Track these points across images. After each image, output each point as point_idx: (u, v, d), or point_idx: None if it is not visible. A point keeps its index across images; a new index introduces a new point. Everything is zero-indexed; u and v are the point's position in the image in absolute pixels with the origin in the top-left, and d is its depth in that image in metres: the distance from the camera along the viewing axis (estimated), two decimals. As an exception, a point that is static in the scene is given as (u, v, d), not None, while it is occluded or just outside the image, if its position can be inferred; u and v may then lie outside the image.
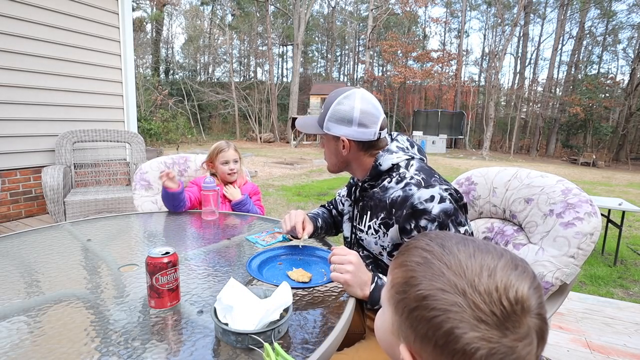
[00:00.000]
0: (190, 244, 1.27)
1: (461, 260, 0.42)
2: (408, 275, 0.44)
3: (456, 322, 0.38)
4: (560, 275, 0.98)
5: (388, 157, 1.03)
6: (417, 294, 0.42)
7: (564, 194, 1.06)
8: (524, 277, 0.40)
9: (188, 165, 2.09)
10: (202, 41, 28.01)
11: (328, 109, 1.04)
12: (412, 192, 0.94)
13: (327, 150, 1.11)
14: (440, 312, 0.39)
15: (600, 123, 24.51)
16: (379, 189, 1.05)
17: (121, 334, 0.73)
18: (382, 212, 1.01)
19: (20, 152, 3.43)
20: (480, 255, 0.42)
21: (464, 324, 0.38)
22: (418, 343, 0.42)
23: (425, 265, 0.43)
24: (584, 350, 1.87)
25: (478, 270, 0.40)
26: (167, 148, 13.26)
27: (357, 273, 0.87)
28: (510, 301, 0.38)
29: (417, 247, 0.47)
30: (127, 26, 4.08)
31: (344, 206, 1.27)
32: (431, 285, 0.41)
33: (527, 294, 0.39)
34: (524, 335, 0.38)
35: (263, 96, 24.69)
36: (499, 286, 0.39)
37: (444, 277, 0.41)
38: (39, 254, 1.13)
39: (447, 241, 0.45)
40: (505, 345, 0.37)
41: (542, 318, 0.40)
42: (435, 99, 29.85)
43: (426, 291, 0.41)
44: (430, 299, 0.40)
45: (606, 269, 3.41)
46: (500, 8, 23.86)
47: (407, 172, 1.00)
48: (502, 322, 0.37)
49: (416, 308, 0.42)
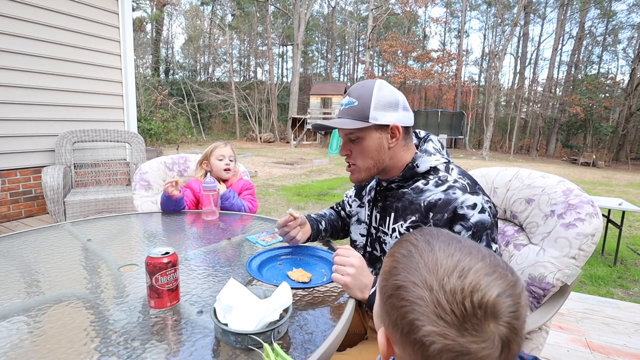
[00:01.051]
0: (190, 244, 1.27)
1: (438, 258, 0.44)
2: (392, 265, 0.48)
3: (418, 315, 0.41)
4: (561, 276, 0.98)
5: (427, 159, 0.98)
6: (394, 283, 0.45)
7: (565, 195, 1.05)
8: (498, 283, 0.40)
9: (188, 165, 2.08)
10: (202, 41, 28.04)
11: (369, 98, 0.93)
12: (455, 195, 0.90)
13: (365, 150, 0.97)
14: (408, 303, 0.42)
15: (600, 123, 24.53)
16: (410, 190, 0.99)
17: (121, 334, 0.73)
18: (414, 214, 0.96)
19: (20, 152, 3.43)
20: (458, 255, 0.44)
21: (424, 317, 0.40)
22: (390, 328, 0.46)
23: (408, 258, 0.46)
24: (584, 350, 1.87)
25: (451, 270, 0.42)
26: (167, 148, 13.27)
27: (357, 276, 0.86)
28: (473, 304, 0.39)
29: (408, 240, 0.50)
30: (127, 26, 4.08)
31: (352, 207, 1.22)
32: (406, 278, 0.44)
33: (494, 300, 0.39)
34: (483, 339, 0.38)
35: (263, 96, 24.70)
36: (465, 288, 0.40)
37: (418, 272, 0.44)
38: (39, 254, 1.13)
39: (434, 238, 0.48)
40: (461, 345, 0.39)
41: (512, 327, 0.40)
42: (435, 99, 29.88)
43: (401, 282, 0.44)
44: (403, 290, 0.44)
45: (606, 269, 3.41)
46: (500, 8, 23.86)
47: (449, 176, 0.95)
48: (461, 323, 0.39)
49: (391, 296, 0.45)
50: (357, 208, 1.18)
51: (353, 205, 1.21)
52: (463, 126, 22.04)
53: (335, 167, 11.12)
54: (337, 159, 13.44)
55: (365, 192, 1.17)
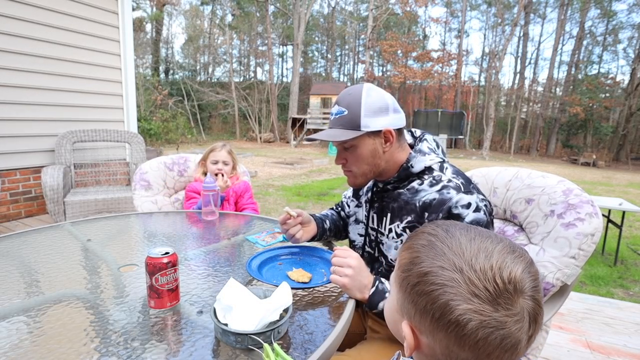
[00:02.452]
0: (190, 244, 1.27)
1: (461, 242, 0.46)
2: (413, 256, 0.48)
3: (452, 296, 0.42)
4: (561, 276, 0.98)
5: (421, 159, 0.98)
6: (419, 271, 0.46)
7: (565, 195, 1.05)
8: (519, 260, 0.44)
9: (188, 165, 2.08)
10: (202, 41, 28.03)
11: (359, 106, 0.93)
12: (450, 195, 0.90)
13: (360, 157, 0.97)
14: (438, 286, 0.43)
15: (600, 123, 24.52)
16: (406, 191, 0.99)
17: (121, 334, 0.73)
18: (410, 215, 0.96)
19: (20, 152, 3.43)
20: (479, 239, 0.46)
21: (458, 297, 0.42)
22: (417, 317, 0.46)
23: (429, 247, 0.47)
24: (584, 350, 1.87)
25: (476, 251, 0.44)
26: (167, 148, 13.26)
27: (356, 277, 0.86)
28: (503, 280, 0.42)
29: (424, 232, 0.51)
30: (127, 26, 4.08)
31: (350, 208, 1.22)
32: (432, 264, 0.45)
33: (521, 276, 0.42)
34: (515, 313, 0.41)
35: (263, 96, 24.70)
36: (494, 266, 0.42)
37: (445, 257, 0.45)
38: (39, 254, 1.13)
39: (451, 227, 0.50)
40: (496, 320, 0.41)
41: (536, 301, 0.43)
42: (435, 99, 29.85)
43: (427, 268, 0.45)
44: (431, 275, 0.45)
45: (606, 269, 3.41)
46: (500, 8, 23.87)
47: (444, 175, 0.95)
48: (495, 298, 0.41)
49: (417, 284, 0.46)
50: (355, 208, 1.18)
51: (351, 205, 1.21)
52: (463, 126, 22.02)
53: (335, 167, 11.11)
54: (337, 159, 13.43)
55: (362, 192, 1.18)
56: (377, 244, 1.07)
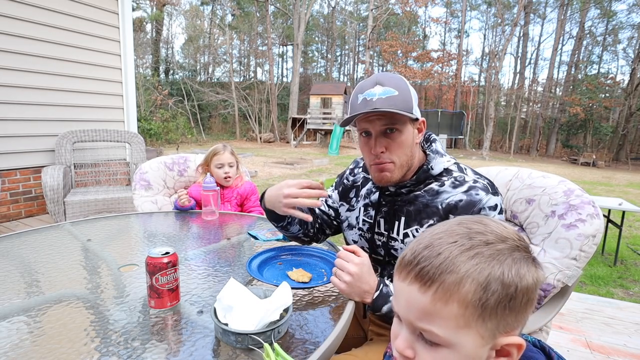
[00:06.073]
0: (190, 244, 1.27)
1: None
2: (483, 278, 0.43)
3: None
4: (562, 277, 0.98)
5: (440, 161, 0.94)
6: (510, 291, 0.43)
7: (566, 195, 1.05)
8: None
9: (188, 165, 2.08)
10: (202, 41, 28.00)
11: (408, 89, 0.88)
12: (479, 197, 0.87)
13: (403, 144, 0.90)
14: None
15: (600, 123, 24.51)
16: (424, 193, 0.94)
17: (121, 334, 0.73)
18: (432, 218, 0.91)
19: (20, 152, 3.43)
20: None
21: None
22: (516, 322, 0.45)
23: (492, 258, 0.44)
24: (584, 350, 1.87)
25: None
26: (167, 148, 13.26)
27: (354, 283, 0.83)
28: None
29: (454, 256, 0.45)
30: (127, 26, 4.08)
31: (335, 212, 1.14)
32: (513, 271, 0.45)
33: None
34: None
35: (263, 96, 24.68)
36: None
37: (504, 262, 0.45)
38: (39, 254, 1.13)
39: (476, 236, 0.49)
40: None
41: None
42: (435, 99, 29.84)
43: (514, 282, 0.44)
44: (512, 283, 0.44)
45: (606, 269, 3.41)
46: (500, 8, 23.86)
47: (466, 176, 0.92)
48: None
49: (511, 298, 0.43)
50: (347, 212, 1.11)
51: (341, 209, 1.13)
52: (463, 126, 22.02)
53: (335, 167, 11.11)
54: (337, 159, 13.44)
55: (354, 194, 1.10)
56: (387, 249, 1.01)
